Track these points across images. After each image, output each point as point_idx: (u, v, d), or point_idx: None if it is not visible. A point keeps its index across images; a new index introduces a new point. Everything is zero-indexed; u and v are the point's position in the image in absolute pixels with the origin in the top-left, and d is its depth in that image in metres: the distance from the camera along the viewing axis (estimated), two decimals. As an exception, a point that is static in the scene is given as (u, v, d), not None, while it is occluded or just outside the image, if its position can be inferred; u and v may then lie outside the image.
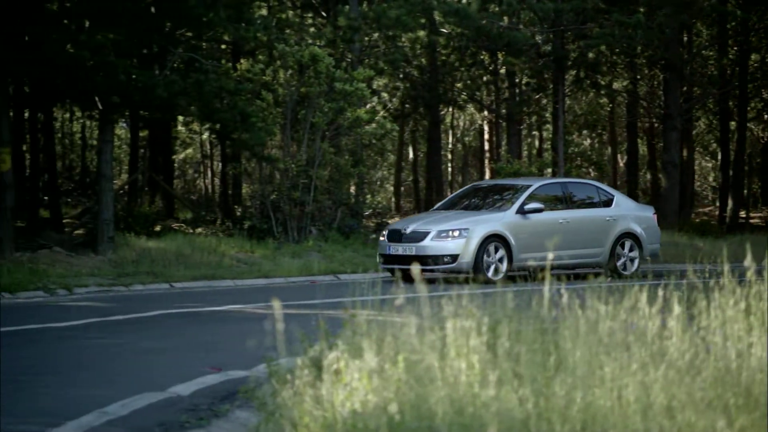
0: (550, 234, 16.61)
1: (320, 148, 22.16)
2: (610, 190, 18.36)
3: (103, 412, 6.60)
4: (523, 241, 16.44)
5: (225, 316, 12.57)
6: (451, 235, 16.13)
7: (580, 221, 17.24)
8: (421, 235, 16.31)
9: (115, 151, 36.31)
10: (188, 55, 21.05)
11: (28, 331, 10.66)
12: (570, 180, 18.94)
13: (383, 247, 16.73)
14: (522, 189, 17.19)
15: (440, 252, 16.09)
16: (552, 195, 17.39)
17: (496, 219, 16.49)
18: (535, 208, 16.69)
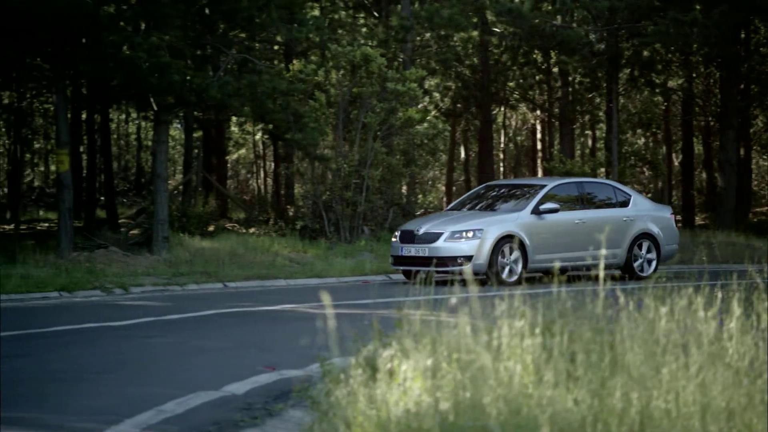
0: (565, 234, 16.33)
1: (372, 148, 22.19)
2: (627, 189, 17.95)
3: (159, 410, 6.68)
4: (538, 241, 16.11)
5: (278, 315, 12.64)
6: (465, 236, 15.80)
7: (596, 221, 16.69)
8: (435, 236, 15.99)
9: (170, 151, 36.72)
10: (241, 56, 21.19)
11: (87, 330, 10.81)
12: (586, 180, 18.48)
13: (395, 248, 16.43)
14: (537, 189, 16.85)
15: (454, 253, 15.74)
16: (568, 195, 17.01)
17: (511, 219, 16.16)
18: (550, 208, 16.34)
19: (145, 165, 47.93)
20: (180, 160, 42.81)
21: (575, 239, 16.36)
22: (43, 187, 46.44)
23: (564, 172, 24.83)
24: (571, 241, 16.34)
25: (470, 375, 4.55)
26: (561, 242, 16.27)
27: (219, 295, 15.11)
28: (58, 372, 8.15)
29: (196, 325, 11.49)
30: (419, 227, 16.31)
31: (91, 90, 27.06)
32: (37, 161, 49.11)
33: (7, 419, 6.35)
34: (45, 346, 9.67)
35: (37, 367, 8.38)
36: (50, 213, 35.91)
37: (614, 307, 5.31)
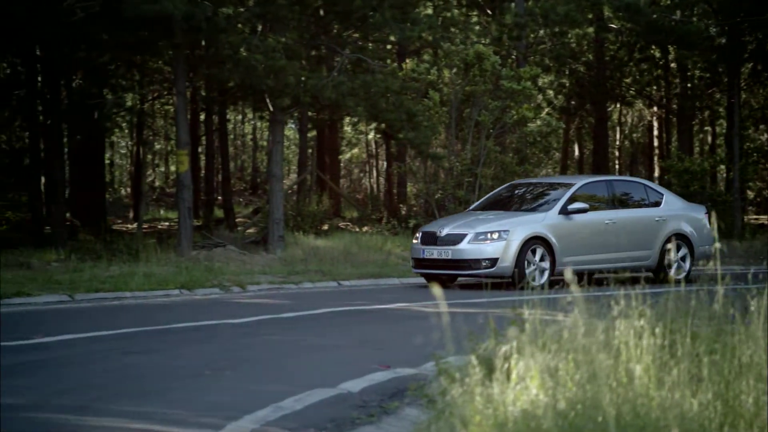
0: (595, 235, 15.67)
1: (485, 146, 22.09)
2: (658, 188, 17.20)
3: (278, 406, 6.78)
4: (566, 243, 15.39)
5: (392, 313, 12.69)
6: (490, 238, 15.06)
7: (627, 222, 16.04)
8: (458, 237, 15.23)
9: (284, 151, 37.24)
10: (355, 56, 21.37)
11: (206, 327, 11.04)
12: (616, 178, 17.71)
13: (416, 250, 15.65)
14: (565, 188, 16.11)
15: (478, 256, 15.00)
16: (597, 194, 16.28)
17: (538, 220, 15.43)
18: (579, 208, 15.59)
19: (260, 165, 48.74)
20: (294, 160, 43.39)
21: (605, 240, 15.73)
22: (164, 187, 47.68)
23: (682, 170, 24.27)
24: (601, 243, 15.70)
25: (588, 375, 4.49)
26: (590, 243, 15.60)
27: (333, 294, 15.26)
28: (179, 368, 8.35)
29: (311, 323, 11.62)
30: (441, 228, 15.56)
31: (210, 91, 27.67)
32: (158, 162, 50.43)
33: (133, 413, 6.54)
34: (167, 342, 9.91)
35: (160, 363, 8.60)
36: (170, 212, 36.84)
37: (734, 308, 5.16)
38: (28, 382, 7.62)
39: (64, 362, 8.55)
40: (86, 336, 10.09)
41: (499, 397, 4.64)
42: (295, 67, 18.86)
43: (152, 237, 23.78)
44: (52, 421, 6.29)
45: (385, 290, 15.61)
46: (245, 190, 46.84)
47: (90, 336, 10.10)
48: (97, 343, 9.72)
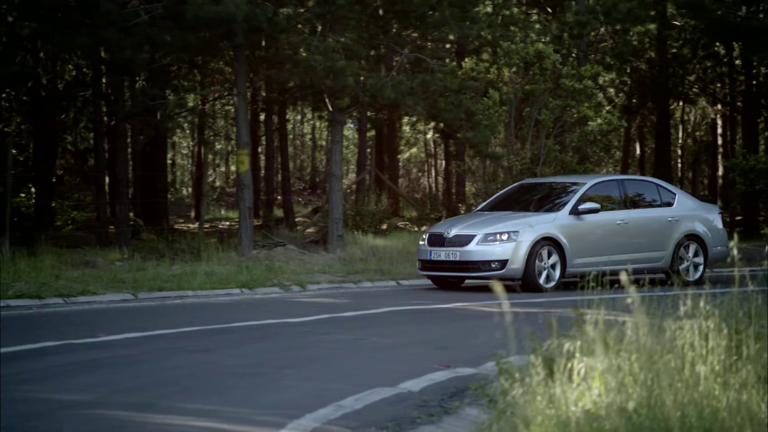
0: (606, 236, 15.25)
1: (545, 145, 21.95)
2: (671, 187, 16.69)
3: (338, 405, 6.81)
4: (577, 244, 15.00)
5: (451, 313, 12.68)
6: (499, 239, 14.70)
7: (639, 222, 15.62)
8: (466, 238, 14.86)
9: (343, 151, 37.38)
10: (414, 55, 21.37)
11: (267, 326, 11.13)
12: (627, 177, 17.14)
13: (423, 252, 15.29)
14: (575, 187, 15.69)
15: (487, 257, 14.65)
16: (608, 194, 15.75)
17: (548, 220, 15.02)
18: (590, 208, 15.18)
19: (319, 164, 48.98)
20: (353, 160, 43.53)
21: (617, 241, 15.32)
22: (224, 186, 48.13)
23: (747, 169, 23.88)
24: (613, 244, 15.24)
25: (652, 375, 4.44)
26: (601, 245, 15.17)
27: (393, 293, 15.28)
28: (240, 366, 8.43)
29: (371, 323, 11.65)
30: (449, 229, 15.16)
31: (270, 92, 27.88)
32: (219, 162, 50.92)
33: (196, 411, 6.62)
34: (228, 341, 10.01)
35: (221, 362, 8.68)
36: (231, 212, 37.18)
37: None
38: (94, 379, 7.75)
39: (128, 360, 8.67)
40: (150, 334, 10.22)
41: (561, 397, 4.61)
42: (354, 67, 18.92)
43: (213, 236, 24.02)
44: (118, 418, 6.38)
45: (445, 290, 15.58)
46: (304, 190, 47.11)
47: (153, 334, 10.23)
48: (160, 341, 9.85)
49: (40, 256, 16.22)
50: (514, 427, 4.72)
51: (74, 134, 34.10)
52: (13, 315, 11.90)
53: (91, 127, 29.59)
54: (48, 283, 13.79)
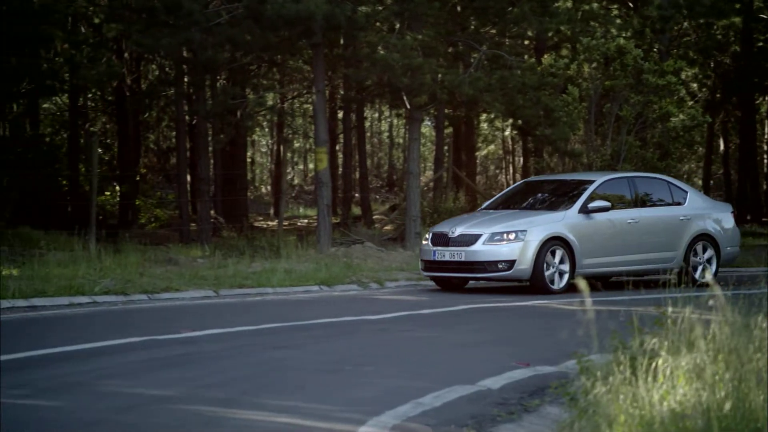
0: (617, 236, 14.66)
1: (625, 141, 21.67)
2: (682, 185, 16.07)
3: (418, 402, 6.81)
4: (587, 244, 14.41)
5: (530, 311, 12.61)
6: (506, 238, 14.09)
7: (650, 221, 15.05)
8: (471, 238, 14.25)
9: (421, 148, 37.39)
10: (492, 51, 21.29)
11: (345, 323, 11.20)
12: (637, 174, 16.46)
13: (427, 252, 14.66)
14: (584, 185, 15.08)
15: (494, 257, 14.04)
16: (618, 192, 15.15)
17: (556, 219, 14.41)
18: (600, 206, 14.58)
19: (397, 162, 49.06)
20: (430, 157, 43.52)
21: (627, 241, 14.74)
22: (302, 184, 48.53)
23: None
24: (623, 244, 14.71)
25: (739, 374, 4.36)
26: (612, 245, 14.61)
27: (471, 290, 15.24)
28: (319, 363, 8.50)
29: (449, 320, 11.65)
30: (453, 228, 14.53)
31: (348, 90, 28.03)
32: (297, 160, 51.35)
33: (277, 407, 6.69)
34: (307, 338, 10.09)
35: (301, 359, 8.77)
36: (309, 210, 37.47)
37: None
38: (178, 375, 7.89)
39: (210, 356, 8.80)
40: (231, 331, 10.36)
41: (645, 396, 4.56)
42: (432, 65, 18.92)
43: (292, 234, 24.23)
44: (202, 413, 6.49)
45: (523, 287, 15.49)
46: (382, 188, 47.25)
47: (234, 331, 10.37)
48: (241, 338, 9.98)
49: (124, 253, 16.54)
50: (596, 426, 4.68)
51: (157, 133, 34.72)
52: (100, 311, 12.18)
53: (173, 126, 30.10)
54: (133, 280, 14.07)
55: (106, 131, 31.70)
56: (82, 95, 28.49)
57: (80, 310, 12.24)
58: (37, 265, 14.69)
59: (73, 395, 6.92)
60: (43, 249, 16.80)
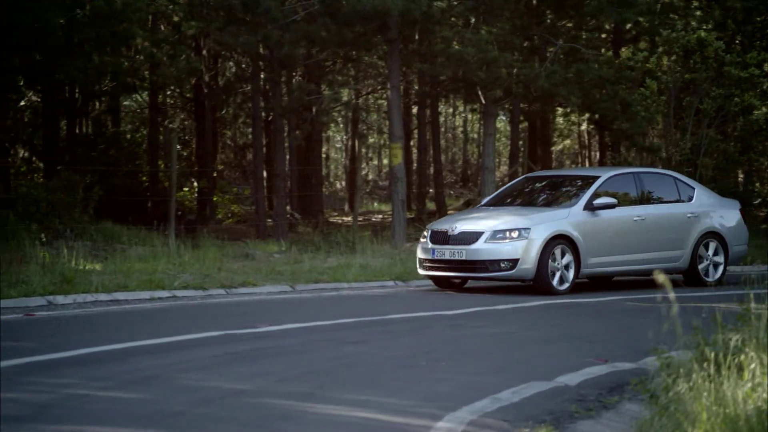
0: (623, 234, 14.07)
1: (706, 135, 21.28)
2: (689, 181, 15.38)
3: (495, 398, 6.79)
4: (592, 242, 13.81)
5: (605, 306, 12.48)
6: (509, 236, 13.48)
7: (657, 219, 14.46)
8: (473, 236, 13.64)
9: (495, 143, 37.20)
10: (569, 45, 21.08)
11: (421, 318, 11.20)
12: (643, 170, 15.73)
13: (425, 250, 14.04)
14: (589, 181, 14.48)
15: (496, 256, 13.43)
16: (623, 188, 14.51)
17: (561, 216, 13.79)
18: (606, 203, 13.99)
19: (471, 157, 48.92)
20: (505, 152, 43.30)
21: (634, 239, 14.16)
22: (377, 180, 48.65)
23: None
24: (630, 242, 14.13)
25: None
26: (618, 243, 14.03)
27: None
28: (395, 358, 8.51)
29: (525, 316, 11.58)
30: (453, 226, 13.93)
31: (422, 85, 28.00)
32: (372, 155, 51.52)
33: (354, 401, 6.72)
34: (383, 333, 10.13)
35: (376, 353, 8.79)
36: (383, 205, 37.54)
37: None
38: (255, 369, 7.97)
39: (287, 351, 8.88)
40: (307, 325, 10.43)
41: (729, 394, 4.47)
42: (508, 59, 18.82)
43: (367, 229, 24.32)
44: (280, 407, 6.54)
45: (596, 283, 15.30)
46: (456, 183, 47.14)
47: (311, 326, 10.44)
48: (317, 332, 10.04)
49: (203, 248, 16.77)
50: (678, 423, 4.60)
51: (233, 130, 35.11)
52: (179, 305, 12.36)
53: (249, 122, 30.41)
54: (211, 275, 14.26)
55: (184, 128, 32.16)
56: (162, 92, 28.94)
57: (160, 304, 12.45)
58: (119, 260, 14.98)
59: (153, 388, 7.03)
60: (124, 244, 17.12)
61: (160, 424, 5.88)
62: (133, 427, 5.77)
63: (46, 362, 7.99)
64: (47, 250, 14.77)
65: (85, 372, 7.52)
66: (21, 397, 6.57)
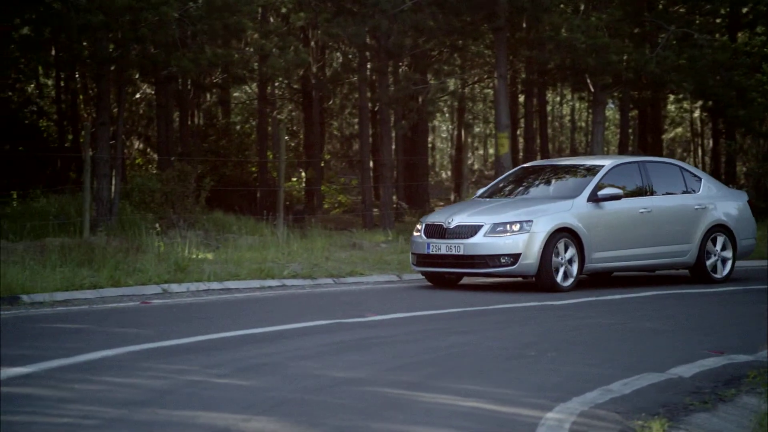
0: (629, 227, 13.29)
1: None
2: (696, 171, 14.49)
3: (606, 389, 6.71)
4: (597, 236, 13.00)
5: (717, 297, 12.25)
6: (510, 230, 12.69)
7: (664, 211, 13.62)
8: (471, 229, 12.83)
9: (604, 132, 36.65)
10: (682, 30, 20.61)
11: (528, 308, 11.14)
12: (648, 159, 14.89)
13: (419, 245, 13.22)
14: (592, 171, 13.64)
15: (497, 251, 12.63)
16: (628, 178, 13.65)
17: (564, 208, 12.95)
18: (611, 194, 13.16)
19: (578, 146, 48.28)
20: (614, 141, 42.62)
21: (640, 233, 13.38)
22: (482, 169, 48.46)
23: None
24: (635, 236, 13.35)
25: None
26: (623, 237, 13.25)
27: (653, 277, 14.83)
28: (502, 348, 8.47)
29: (634, 306, 11.41)
30: (449, 219, 13.07)
31: (529, 74, 27.75)
32: (477, 145, 51.30)
33: (462, 391, 6.71)
34: (489, 323, 10.10)
35: (482, 344, 8.76)
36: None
37: None
38: (363, 357, 8.03)
39: (394, 340, 8.93)
40: (414, 315, 10.48)
41: None
42: (618, 45, 18.51)
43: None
44: (388, 395, 6.58)
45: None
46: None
47: (417, 315, 10.48)
48: (424, 322, 10.08)
49: (310, 238, 16.97)
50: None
51: (340, 120, 35.39)
52: (288, 294, 12.54)
53: (356, 112, 30.61)
54: (319, 264, 14.42)
55: (292, 119, 32.57)
56: (270, 84, 29.36)
57: (270, 293, 12.65)
58: (230, 250, 15.27)
59: (265, 375, 7.15)
60: (234, 233, 17.43)
61: (272, 411, 5.98)
62: (247, 413, 5.88)
63: (162, 349, 8.21)
64: (162, 240, 15.14)
65: (199, 359, 7.69)
66: (140, 383, 6.76)
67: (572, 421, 5.87)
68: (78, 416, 5.77)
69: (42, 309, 10.71)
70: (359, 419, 5.85)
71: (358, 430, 5.61)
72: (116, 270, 12.63)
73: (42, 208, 19.28)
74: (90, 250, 13.62)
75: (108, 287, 11.99)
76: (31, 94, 29.63)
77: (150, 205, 17.57)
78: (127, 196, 19.02)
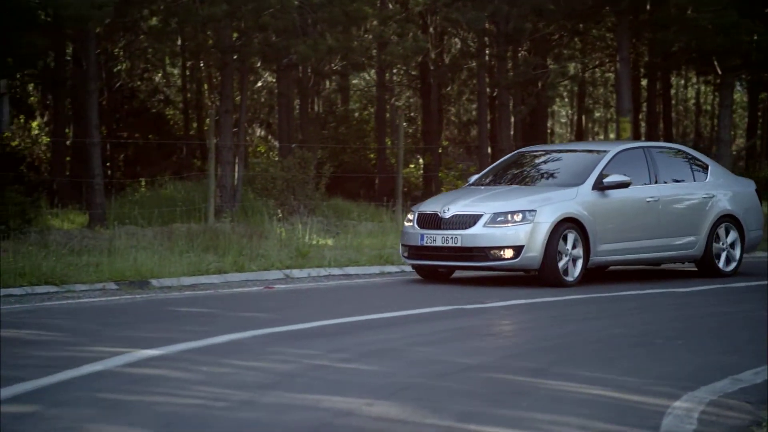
0: (635, 217, 12.36)
1: None
2: (702, 157, 13.42)
3: (735, 379, 6.58)
4: (603, 227, 12.06)
5: None
6: (512, 220, 11.74)
7: (671, 200, 12.66)
8: (469, 219, 11.87)
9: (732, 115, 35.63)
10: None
11: (651, 296, 11.01)
12: (654, 144, 13.90)
13: (411, 236, 12.22)
14: (596, 156, 12.66)
15: (498, 243, 11.69)
16: (633, 165, 12.58)
17: (568, 197, 11.97)
18: (618, 181, 12.17)
19: (703, 130, 47.05)
20: (741, 124, 41.39)
21: (647, 223, 12.44)
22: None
23: None
24: (642, 226, 12.42)
25: None
26: (630, 227, 12.33)
27: (760, 263, 14.36)
28: (625, 336, 8.39)
29: (759, 295, 11.11)
30: (445, 208, 12.08)
31: (653, 57, 27.17)
32: (598, 130, 50.51)
33: (586, 378, 6.65)
34: (608, 310, 10.01)
35: (605, 330, 8.69)
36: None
37: None
38: (484, 343, 8.07)
39: (515, 326, 9.00)
40: (534, 302, 10.50)
41: None
42: (748, 25, 17.95)
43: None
44: (512, 381, 6.57)
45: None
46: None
47: (537, 302, 10.50)
48: (544, 309, 10.08)
49: (429, 223, 16.98)
50: None
51: (458, 106, 35.31)
52: (407, 280, 12.61)
53: (473, 99, 30.48)
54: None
55: (410, 105, 32.65)
56: (389, 71, 29.48)
57: (389, 279, 12.76)
58: (350, 236, 15.43)
59: (388, 360, 7.22)
60: (354, 220, 17.61)
61: (395, 396, 6.04)
62: (370, 398, 5.95)
63: (287, 333, 8.37)
64: (283, 226, 15.41)
65: (323, 343, 7.81)
66: (266, 366, 6.92)
67: (701, 410, 5.78)
68: (209, 398, 5.93)
69: (171, 293, 11.05)
70: (482, 405, 5.85)
71: (482, 416, 5.62)
72: (240, 255, 12.93)
73: (169, 195, 19.84)
74: (215, 236, 13.97)
75: (232, 272, 12.29)
76: (158, 83, 30.48)
77: (272, 192, 17.89)
78: (249, 183, 19.41)
